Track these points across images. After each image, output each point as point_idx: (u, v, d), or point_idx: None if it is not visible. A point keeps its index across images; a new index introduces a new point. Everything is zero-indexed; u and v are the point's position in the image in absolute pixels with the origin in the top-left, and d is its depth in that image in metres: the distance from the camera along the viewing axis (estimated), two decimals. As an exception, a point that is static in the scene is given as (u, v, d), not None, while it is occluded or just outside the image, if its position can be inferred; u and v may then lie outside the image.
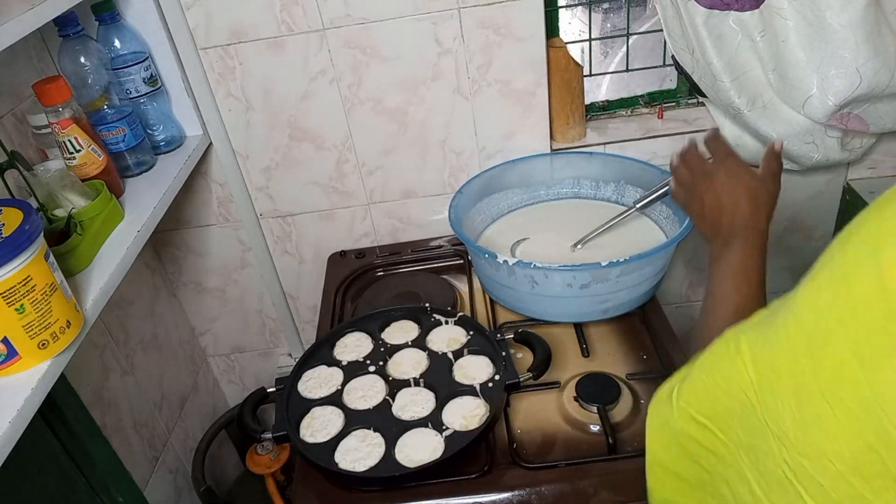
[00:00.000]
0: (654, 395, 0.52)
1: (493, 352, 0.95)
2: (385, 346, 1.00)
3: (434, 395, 0.90)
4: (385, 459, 0.83)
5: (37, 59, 0.99)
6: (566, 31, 1.28)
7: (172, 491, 1.30)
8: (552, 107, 1.23)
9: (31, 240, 0.64)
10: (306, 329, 1.49)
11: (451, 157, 1.26)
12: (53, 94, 0.85)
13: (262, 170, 1.26)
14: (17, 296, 0.63)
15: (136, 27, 1.05)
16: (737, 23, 1.05)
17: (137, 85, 1.06)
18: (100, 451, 1.02)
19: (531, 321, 1.07)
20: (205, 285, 1.41)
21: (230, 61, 1.14)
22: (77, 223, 0.84)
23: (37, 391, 0.66)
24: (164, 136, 1.12)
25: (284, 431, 0.88)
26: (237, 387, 1.58)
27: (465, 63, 1.16)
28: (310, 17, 1.10)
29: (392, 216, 1.34)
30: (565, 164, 1.25)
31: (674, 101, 1.33)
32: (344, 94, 1.18)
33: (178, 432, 1.35)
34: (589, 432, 0.88)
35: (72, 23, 0.94)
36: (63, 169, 0.88)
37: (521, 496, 0.81)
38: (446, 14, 1.11)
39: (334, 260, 1.33)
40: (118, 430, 1.14)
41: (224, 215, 1.31)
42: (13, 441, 0.62)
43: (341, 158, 1.26)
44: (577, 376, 0.95)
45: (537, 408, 0.93)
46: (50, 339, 0.68)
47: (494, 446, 0.87)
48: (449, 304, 1.11)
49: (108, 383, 1.13)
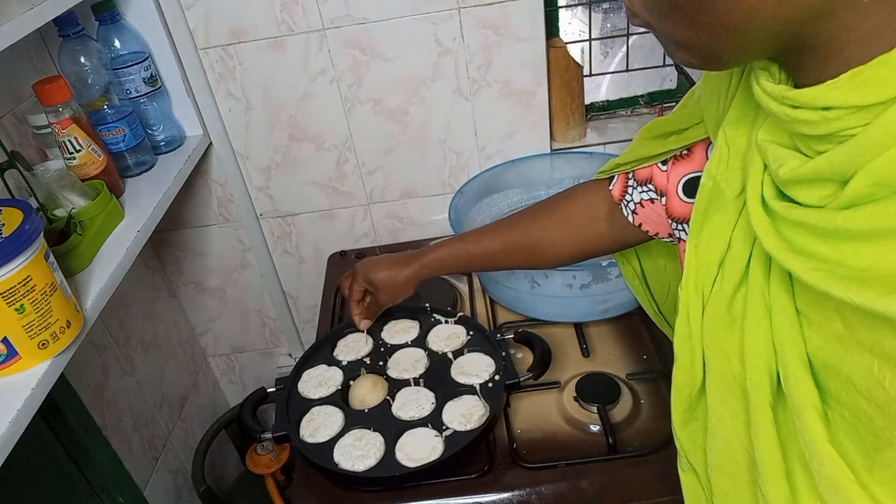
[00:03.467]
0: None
1: (493, 352, 0.95)
2: (385, 346, 1.00)
3: (434, 395, 0.90)
4: (385, 459, 0.83)
5: (37, 59, 0.99)
6: (566, 31, 1.28)
7: (172, 491, 1.30)
8: (552, 107, 1.23)
9: (31, 240, 0.64)
10: (306, 329, 1.49)
11: (451, 157, 1.26)
12: (53, 94, 0.85)
13: (262, 170, 1.26)
14: (17, 296, 0.63)
15: (136, 27, 1.05)
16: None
17: (137, 85, 1.06)
18: (100, 451, 1.02)
19: (531, 321, 1.07)
20: (205, 285, 1.41)
21: (230, 61, 1.14)
22: (77, 223, 0.84)
23: (37, 391, 0.66)
24: (164, 136, 1.12)
25: (284, 431, 0.88)
26: (237, 387, 1.58)
27: (465, 63, 1.16)
28: (310, 17, 1.10)
29: (392, 216, 1.34)
30: (565, 164, 1.25)
31: (674, 102, 1.33)
32: (344, 94, 1.18)
33: (178, 432, 1.35)
34: (589, 432, 0.88)
35: (72, 23, 0.94)
36: (63, 169, 0.88)
37: (521, 496, 0.81)
38: (446, 14, 1.11)
39: (334, 260, 1.33)
40: (118, 430, 1.14)
41: (224, 215, 1.31)
42: (13, 441, 0.62)
43: (341, 158, 1.26)
44: (577, 376, 0.95)
45: (537, 408, 0.93)
46: (50, 340, 0.68)
47: (494, 446, 0.87)
48: (449, 304, 1.12)
49: (108, 383, 1.13)
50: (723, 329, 0.46)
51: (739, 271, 0.45)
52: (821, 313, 0.38)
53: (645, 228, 0.71)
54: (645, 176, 0.69)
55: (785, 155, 0.39)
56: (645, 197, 0.69)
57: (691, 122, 0.59)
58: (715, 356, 0.46)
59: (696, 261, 0.49)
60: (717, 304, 0.46)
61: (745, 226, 0.45)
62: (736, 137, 0.48)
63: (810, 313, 0.39)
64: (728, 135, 0.48)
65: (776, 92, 0.38)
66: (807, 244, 0.37)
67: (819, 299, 0.38)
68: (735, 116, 0.48)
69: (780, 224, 0.39)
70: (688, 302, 0.49)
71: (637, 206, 0.71)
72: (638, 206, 0.71)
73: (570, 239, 0.79)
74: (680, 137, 0.62)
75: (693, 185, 0.61)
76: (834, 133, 0.35)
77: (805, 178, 0.37)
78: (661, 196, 0.67)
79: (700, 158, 0.61)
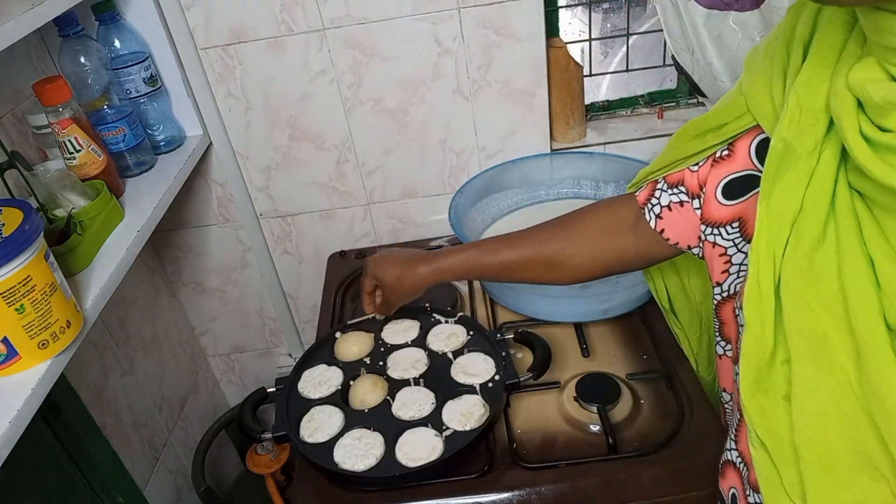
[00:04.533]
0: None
1: (493, 352, 0.95)
2: (385, 346, 1.00)
3: (434, 395, 0.90)
4: (385, 459, 0.82)
5: (37, 59, 0.99)
6: (566, 31, 1.28)
7: (172, 491, 1.30)
8: (552, 107, 1.23)
9: (31, 240, 0.64)
10: (306, 329, 1.49)
11: (451, 157, 1.26)
12: (53, 94, 0.85)
13: (262, 170, 1.26)
14: (17, 296, 0.63)
15: (136, 27, 1.05)
16: (737, 23, 1.05)
17: (137, 85, 1.06)
18: (100, 451, 1.02)
19: (531, 321, 1.07)
20: (205, 285, 1.41)
21: (230, 61, 1.14)
22: (77, 223, 0.84)
23: (37, 391, 0.66)
24: (164, 136, 1.12)
25: (284, 431, 0.88)
26: (237, 387, 1.58)
27: (465, 63, 1.16)
28: (310, 17, 1.10)
29: (392, 216, 1.34)
30: (565, 164, 1.25)
31: (674, 102, 1.33)
32: (344, 94, 1.18)
33: (178, 432, 1.35)
34: (589, 432, 0.88)
35: (72, 23, 0.94)
36: (63, 169, 0.88)
37: (521, 496, 0.81)
38: (446, 14, 1.11)
39: (334, 260, 1.33)
40: (118, 430, 1.14)
41: (224, 215, 1.31)
42: (13, 441, 0.62)
43: (341, 158, 1.26)
44: (577, 376, 0.95)
45: (537, 408, 0.93)
46: (50, 339, 0.68)
47: (494, 446, 0.87)
48: (449, 304, 1.12)
49: (108, 383, 1.13)
50: (808, 286, 0.45)
51: (818, 230, 0.45)
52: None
53: (666, 236, 0.70)
54: (676, 179, 0.68)
55: (887, 87, 0.40)
56: (674, 199, 0.68)
57: (732, 116, 0.59)
58: (799, 314, 0.46)
59: (767, 220, 0.48)
60: (795, 262, 0.46)
61: (818, 183, 0.46)
62: (808, 97, 0.48)
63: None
64: (800, 94, 0.49)
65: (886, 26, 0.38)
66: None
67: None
68: (807, 77, 0.48)
69: (889, 156, 0.40)
70: (758, 263, 0.48)
71: (663, 210, 0.69)
72: (664, 209, 0.69)
73: (592, 252, 0.76)
74: (718, 133, 0.62)
75: (735, 188, 0.61)
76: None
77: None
78: (693, 198, 0.66)
79: (742, 158, 0.61)
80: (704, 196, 0.64)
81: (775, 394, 0.48)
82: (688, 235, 0.69)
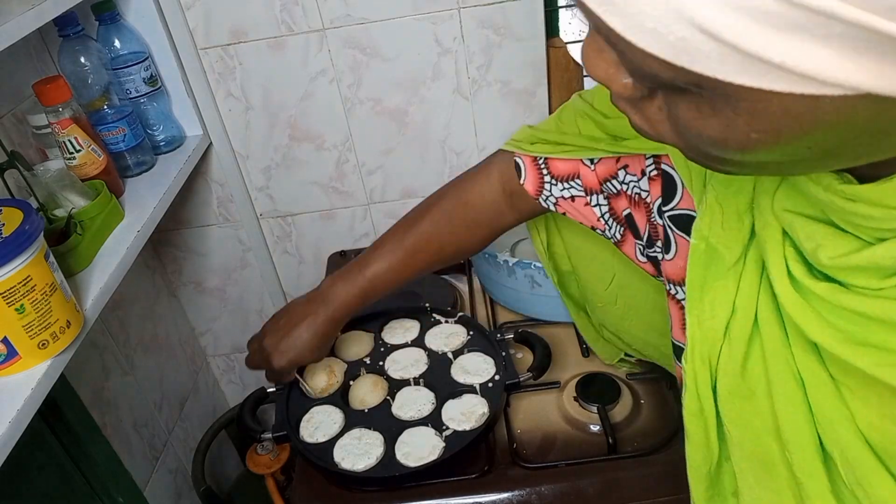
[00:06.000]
0: None
1: (493, 352, 0.95)
2: (385, 346, 1.00)
3: (434, 395, 0.90)
4: (385, 459, 0.83)
5: (37, 59, 0.99)
6: (566, 31, 1.28)
7: (172, 491, 1.30)
8: (552, 107, 1.23)
9: (31, 240, 0.64)
10: (306, 329, 1.49)
11: (451, 157, 1.26)
12: (53, 94, 0.85)
13: (262, 170, 1.26)
14: (17, 296, 0.63)
15: (136, 27, 1.05)
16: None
17: (137, 85, 1.06)
18: (100, 451, 1.02)
19: (531, 321, 1.07)
20: (205, 285, 1.41)
21: (230, 61, 1.14)
22: (77, 223, 0.84)
23: (37, 391, 0.66)
24: (164, 136, 1.12)
25: (284, 431, 0.88)
26: (237, 387, 1.58)
27: (465, 63, 1.16)
28: (310, 17, 1.10)
29: (392, 216, 1.33)
30: (565, 164, 1.25)
31: (674, 101, 1.33)
32: (344, 94, 1.18)
33: (178, 432, 1.34)
34: (589, 432, 0.88)
35: (72, 23, 0.94)
36: (63, 169, 0.88)
37: (521, 496, 0.81)
38: (446, 14, 1.11)
39: (334, 260, 1.33)
40: (118, 430, 1.14)
41: (224, 215, 1.31)
42: (13, 441, 0.62)
43: (341, 158, 1.26)
44: (577, 376, 0.95)
45: (537, 408, 0.93)
46: (50, 339, 0.68)
47: (494, 446, 0.87)
48: (449, 304, 1.11)
49: (108, 383, 1.13)
50: (742, 400, 0.43)
51: (746, 333, 0.42)
52: (869, 389, 0.35)
53: (573, 218, 0.68)
54: (567, 172, 0.64)
55: (822, 233, 0.35)
56: (566, 194, 0.65)
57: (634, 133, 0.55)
58: (739, 431, 0.44)
59: (699, 332, 0.45)
60: (729, 374, 0.43)
61: (747, 289, 0.42)
62: (729, 197, 0.44)
63: (851, 384, 0.36)
64: (720, 193, 0.45)
65: (829, 185, 0.33)
66: (871, 336, 0.33)
67: (868, 380, 0.34)
68: (726, 177, 0.44)
69: (824, 309, 0.36)
70: (695, 375, 0.46)
71: (559, 200, 0.67)
72: (560, 199, 0.67)
73: (477, 239, 0.79)
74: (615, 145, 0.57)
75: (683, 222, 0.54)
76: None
77: (859, 266, 0.33)
78: (591, 195, 0.63)
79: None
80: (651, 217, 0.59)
81: (729, 497, 0.48)
82: (590, 219, 0.67)
